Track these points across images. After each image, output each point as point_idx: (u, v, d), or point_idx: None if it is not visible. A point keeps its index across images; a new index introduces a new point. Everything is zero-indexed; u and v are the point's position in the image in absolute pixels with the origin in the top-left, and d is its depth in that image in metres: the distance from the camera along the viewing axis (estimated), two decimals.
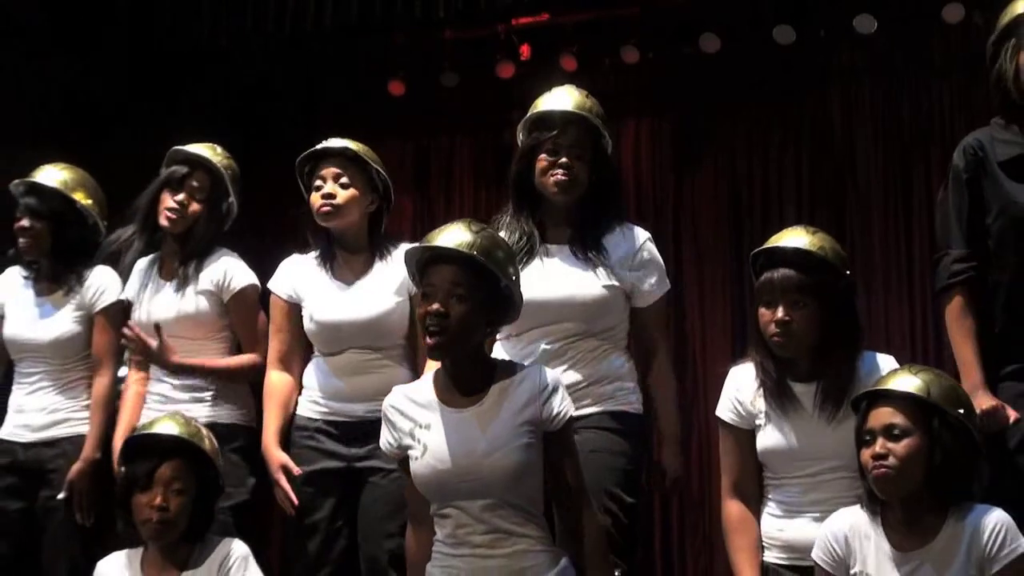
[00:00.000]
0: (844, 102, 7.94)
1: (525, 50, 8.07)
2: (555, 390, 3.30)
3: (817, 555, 3.33)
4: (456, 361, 3.31)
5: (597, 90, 4.87)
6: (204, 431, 3.97)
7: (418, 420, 3.31)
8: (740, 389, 3.68)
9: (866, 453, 3.19)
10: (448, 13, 7.32)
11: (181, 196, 4.60)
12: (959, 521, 3.19)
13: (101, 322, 4.77)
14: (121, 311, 4.78)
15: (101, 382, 4.72)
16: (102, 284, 4.79)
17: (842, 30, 7.64)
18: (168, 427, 3.86)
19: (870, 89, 7.90)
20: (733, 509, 3.66)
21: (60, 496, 4.54)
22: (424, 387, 3.41)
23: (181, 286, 4.63)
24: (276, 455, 4.30)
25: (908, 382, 3.24)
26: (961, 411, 3.26)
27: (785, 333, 3.50)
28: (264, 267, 4.83)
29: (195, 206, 4.63)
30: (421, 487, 3.31)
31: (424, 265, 3.30)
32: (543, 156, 4.05)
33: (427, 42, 8.13)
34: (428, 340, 3.24)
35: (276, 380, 4.44)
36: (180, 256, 4.66)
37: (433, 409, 3.31)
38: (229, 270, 4.66)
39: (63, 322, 4.75)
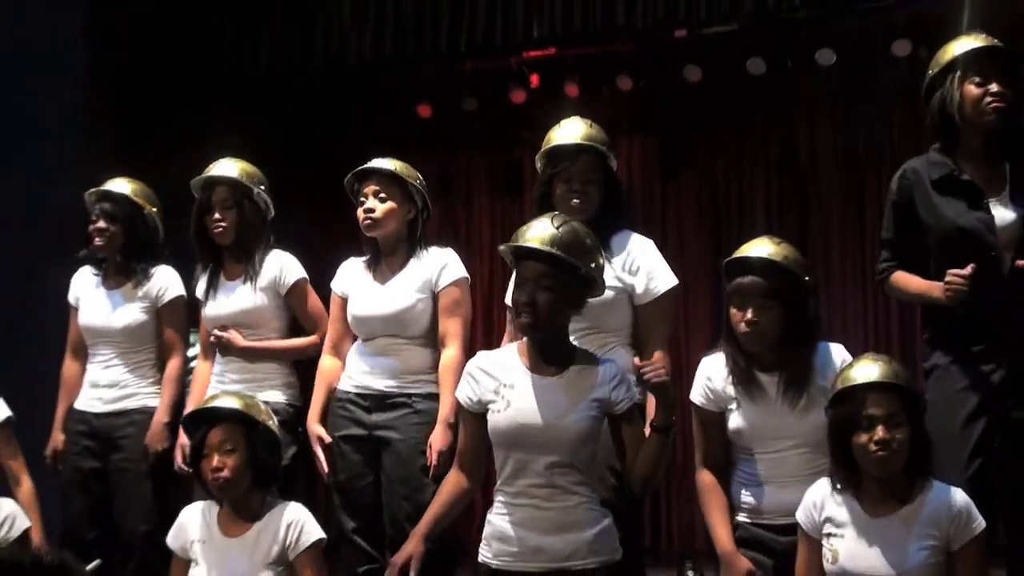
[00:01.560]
0: (807, 125, 7.99)
1: (534, 79, 8.07)
2: (623, 381, 3.33)
3: (800, 518, 3.32)
4: (546, 338, 3.32)
5: (595, 113, 4.85)
6: (257, 401, 3.94)
7: (503, 380, 3.31)
8: (711, 378, 3.65)
9: (864, 437, 3.15)
10: (468, 47, 7.28)
11: (216, 214, 4.56)
12: (923, 494, 3.19)
13: (166, 314, 4.79)
14: (183, 305, 4.82)
15: (173, 363, 4.74)
16: (166, 282, 4.80)
17: (806, 62, 7.63)
18: (221, 401, 3.85)
19: (830, 113, 7.91)
20: (705, 477, 3.65)
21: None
22: (508, 355, 3.43)
23: (244, 284, 4.60)
24: (314, 428, 4.31)
25: (891, 373, 3.24)
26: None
27: (754, 332, 3.49)
28: (315, 265, 4.82)
29: (229, 217, 4.57)
30: (498, 436, 3.30)
31: (517, 259, 3.33)
32: (559, 184, 4.02)
33: (450, 72, 8.13)
34: (522, 322, 3.28)
35: (327, 363, 4.44)
36: (236, 258, 4.63)
37: (520, 373, 3.32)
38: (284, 267, 4.63)
39: (132, 311, 4.75)
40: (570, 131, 4.13)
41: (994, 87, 3.57)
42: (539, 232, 3.27)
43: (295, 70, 7.66)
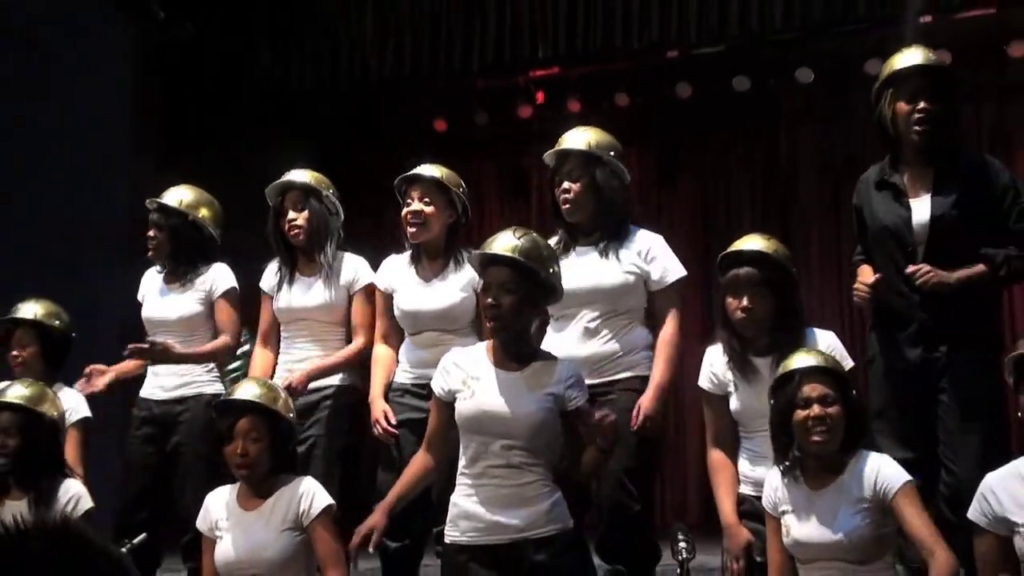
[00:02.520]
0: (789, 137, 8.04)
1: (540, 96, 8.08)
2: (576, 383, 3.40)
3: (764, 502, 3.35)
4: (509, 337, 3.36)
5: (596, 126, 4.84)
6: (280, 392, 3.92)
7: (470, 372, 3.38)
8: (713, 364, 3.69)
9: (801, 415, 3.16)
10: (480, 67, 7.32)
11: (291, 215, 4.53)
12: (855, 465, 3.20)
13: (222, 304, 4.74)
14: (236, 297, 4.78)
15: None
16: (218, 277, 4.74)
17: (787, 80, 7.65)
18: (244, 391, 3.82)
19: (809, 127, 7.92)
20: (715, 456, 3.69)
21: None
22: (478, 351, 3.49)
23: (320, 281, 4.58)
24: (379, 404, 4.30)
25: (825, 360, 3.29)
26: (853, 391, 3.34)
27: (749, 317, 3.52)
28: None
29: (301, 218, 4.53)
30: (463, 421, 3.35)
31: (483, 266, 3.41)
32: (556, 186, 4.09)
33: (463, 90, 8.13)
34: (488, 324, 3.38)
35: (381, 352, 4.43)
36: (310, 257, 4.58)
37: (485, 367, 3.38)
38: (359, 271, 4.60)
39: (187, 304, 4.71)
40: (565, 138, 4.19)
41: (921, 104, 3.59)
42: (503, 242, 3.36)
43: (324, 89, 7.71)
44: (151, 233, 4.75)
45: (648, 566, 3.93)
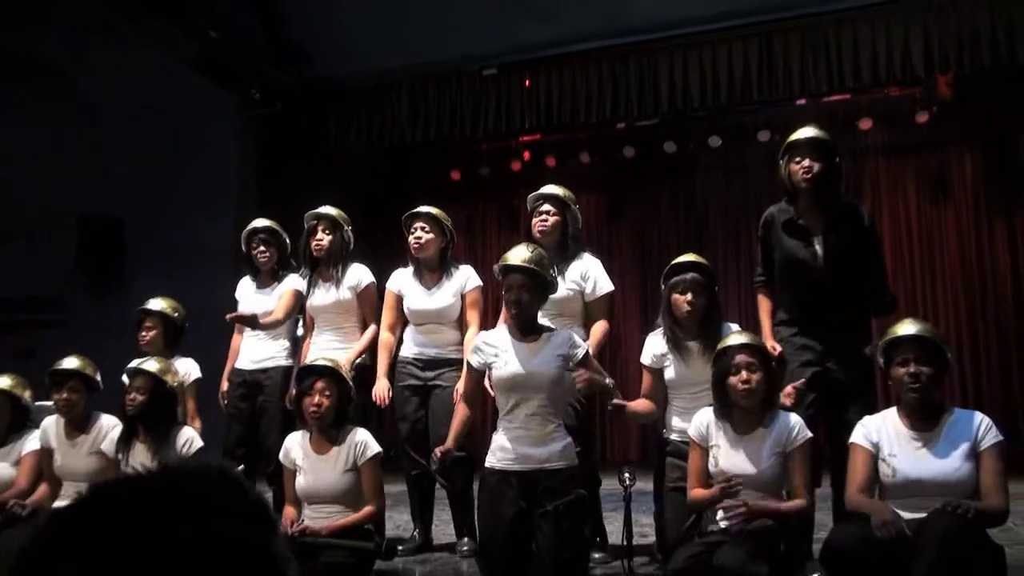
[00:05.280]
0: (702, 185, 7.97)
1: (527, 155, 8.06)
2: (572, 342, 3.41)
3: (692, 434, 3.29)
4: (525, 319, 3.39)
5: (564, 178, 4.90)
6: (343, 363, 3.92)
7: (499, 347, 3.39)
8: (653, 345, 3.64)
9: (734, 379, 3.14)
10: (484, 133, 7.25)
11: (319, 236, 4.49)
12: (773, 420, 3.17)
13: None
14: (302, 295, 4.63)
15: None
16: (356, 276, 4.57)
17: (700, 144, 7.64)
18: (321, 361, 3.84)
19: (717, 177, 7.90)
20: (643, 402, 3.64)
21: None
22: (499, 332, 3.51)
23: (333, 286, 4.50)
24: (382, 383, 4.28)
25: (750, 338, 3.28)
26: (773, 360, 3.32)
27: (691, 310, 3.50)
28: (381, 273, 4.74)
29: (326, 240, 4.49)
30: (501, 383, 3.36)
31: (504, 272, 3.43)
32: (535, 218, 4.09)
33: (472, 149, 8.07)
34: (511, 312, 3.41)
35: (387, 338, 4.39)
36: (327, 267, 4.53)
37: (509, 342, 3.39)
38: (360, 276, 4.52)
39: (269, 303, 4.57)
40: (544, 188, 4.19)
41: (805, 163, 3.55)
42: (518, 254, 3.43)
43: (373, 149, 7.66)
44: (262, 248, 4.64)
45: (594, 488, 3.87)
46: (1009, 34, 5.91)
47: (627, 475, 3.24)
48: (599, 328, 3.99)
